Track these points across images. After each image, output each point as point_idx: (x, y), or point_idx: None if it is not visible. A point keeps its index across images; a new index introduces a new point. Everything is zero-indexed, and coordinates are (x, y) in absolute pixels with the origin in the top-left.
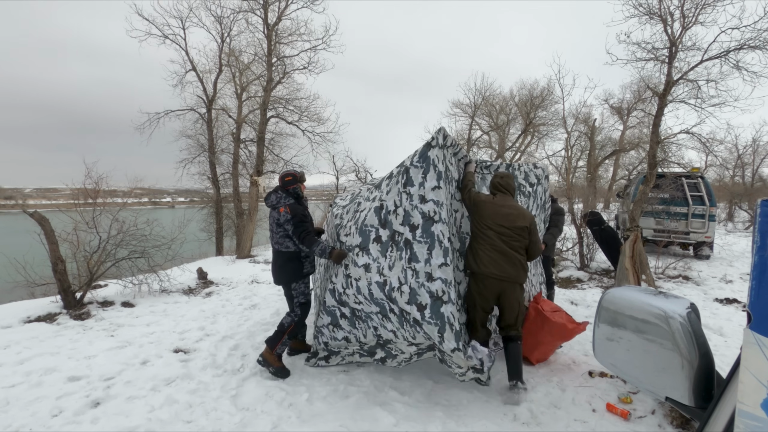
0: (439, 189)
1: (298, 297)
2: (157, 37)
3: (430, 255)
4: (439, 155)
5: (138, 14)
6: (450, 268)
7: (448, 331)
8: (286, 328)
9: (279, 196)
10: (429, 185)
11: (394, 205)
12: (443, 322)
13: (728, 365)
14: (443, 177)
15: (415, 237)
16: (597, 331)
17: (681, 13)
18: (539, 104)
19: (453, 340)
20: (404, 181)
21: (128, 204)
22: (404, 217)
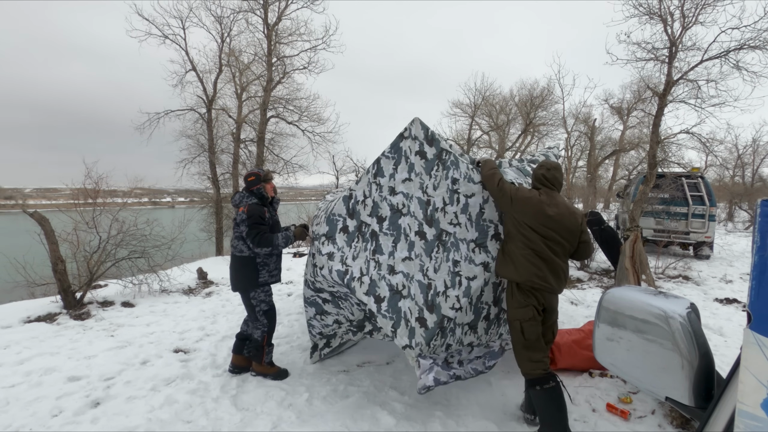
0: (409, 181)
1: (259, 305)
2: (157, 37)
3: (395, 248)
4: (413, 146)
5: (138, 14)
6: (415, 263)
7: (403, 326)
8: (261, 342)
9: (242, 196)
10: (399, 177)
11: (363, 195)
12: (399, 317)
13: (728, 365)
14: (416, 169)
15: (381, 229)
16: (597, 331)
17: (681, 13)
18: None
19: (406, 337)
20: (375, 171)
21: (128, 204)
22: (372, 208)
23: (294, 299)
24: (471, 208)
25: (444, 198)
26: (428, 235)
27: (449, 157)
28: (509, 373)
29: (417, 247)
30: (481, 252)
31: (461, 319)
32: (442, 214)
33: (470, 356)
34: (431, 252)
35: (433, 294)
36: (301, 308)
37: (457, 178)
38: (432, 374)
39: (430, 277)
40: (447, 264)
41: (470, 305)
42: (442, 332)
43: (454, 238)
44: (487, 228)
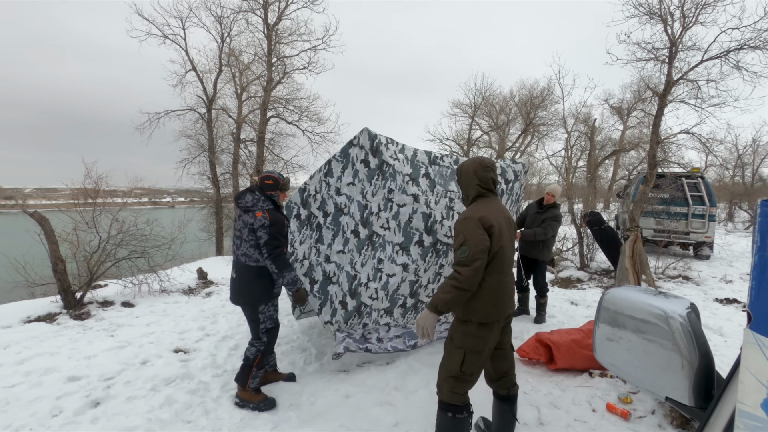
0: (352, 185)
1: (266, 322)
2: (157, 37)
3: (333, 241)
4: (359, 154)
5: (138, 14)
6: (346, 257)
7: (328, 306)
8: (252, 362)
9: (256, 198)
10: (345, 180)
11: (315, 190)
12: (326, 298)
13: (728, 365)
14: (359, 176)
15: (325, 222)
16: (597, 331)
17: (681, 13)
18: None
19: (329, 315)
20: (326, 171)
21: (128, 204)
22: (321, 202)
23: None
24: (401, 216)
25: (380, 204)
26: (361, 235)
27: (389, 169)
28: None
29: (350, 243)
30: (403, 254)
31: (377, 306)
32: (376, 218)
33: (389, 335)
34: (362, 249)
35: (357, 284)
36: None
37: (393, 188)
38: (342, 344)
39: (356, 270)
40: (372, 261)
41: (386, 296)
42: (359, 314)
43: (382, 240)
44: (412, 235)
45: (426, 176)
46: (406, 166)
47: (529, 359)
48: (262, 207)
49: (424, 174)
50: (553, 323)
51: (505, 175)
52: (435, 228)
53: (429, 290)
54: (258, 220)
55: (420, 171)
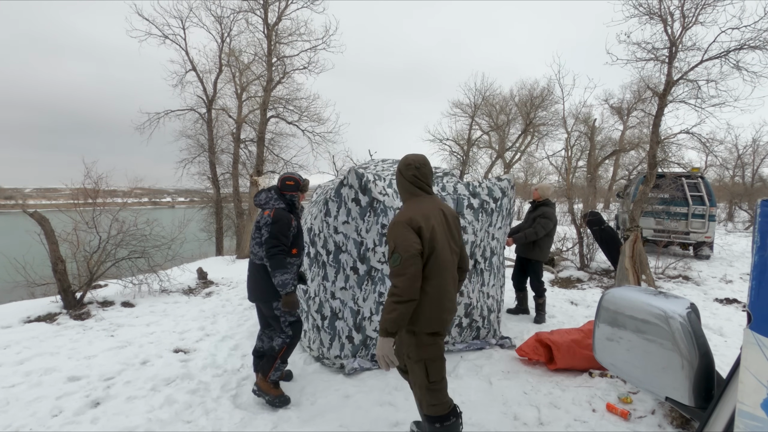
0: (347, 224)
1: (285, 316)
2: (157, 37)
3: (336, 278)
4: (349, 194)
5: (138, 14)
6: (348, 293)
7: (336, 341)
8: (277, 352)
9: (270, 197)
10: (340, 219)
11: (319, 229)
12: (335, 334)
13: (728, 365)
14: (352, 214)
15: (328, 260)
16: (597, 331)
17: (681, 13)
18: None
19: (338, 349)
20: (325, 211)
21: (128, 204)
22: (324, 241)
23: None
24: None
25: (374, 240)
26: (360, 271)
27: (380, 205)
28: (509, 373)
29: (351, 280)
30: None
31: None
32: (372, 253)
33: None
34: (362, 284)
35: (360, 318)
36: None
37: (386, 223)
38: (356, 362)
39: (359, 305)
40: (374, 295)
41: None
42: (365, 347)
43: (381, 273)
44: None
45: None
46: (397, 200)
47: (529, 359)
48: (273, 206)
49: None
50: (553, 323)
51: (492, 193)
52: None
53: None
54: (264, 218)
55: None
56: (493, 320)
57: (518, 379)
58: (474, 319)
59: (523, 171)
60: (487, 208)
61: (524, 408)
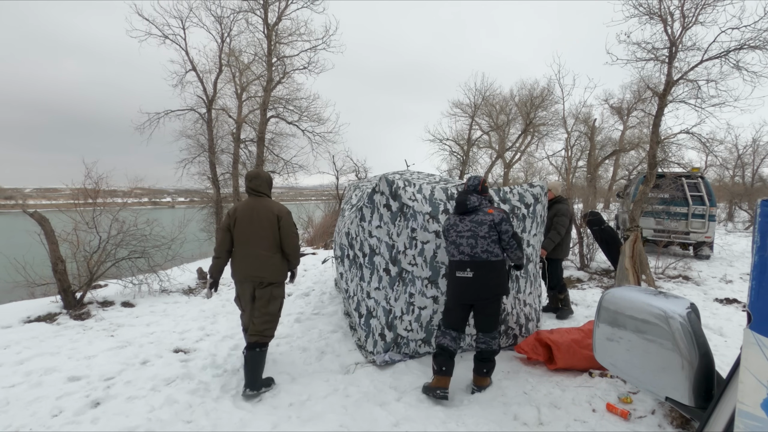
0: (380, 228)
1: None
2: (157, 37)
3: (371, 279)
4: (381, 200)
5: (138, 14)
6: (382, 293)
7: (371, 338)
8: (497, 349)
9: (480, 199)
10: (374, 224)
11: (355, 233)
12: (369, 331)
13: (728, 365)
14: (384, 219)
15: (364, 262)
16: (597, 331)
17: (681, 13)
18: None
19: (372, 346)
20: (360, 216)
21: (128, 204)
22: (360, 244)
23: (294, 299)
24: (426, 252)
25: (405, 243)
26: (392, 272)
27: (409, 210)
28: (509, 373)
29: (384, 281)
30: (432, 287)
31: (413, 336)
32: (403, 256)
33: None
34: (393, 285)
35: (392, 317)
36: (300, 309)
37: (415, 227)
38: (387, 355)
39: (391, 305)
40: (404, 295)
41: (420, 327)
42: (397, 345)
43: (411, 275)
44: (439, 268)
45: (445, 212)
46: (426, 205)
47: (528, 359)
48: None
49: (443, 210)
50: (553, 323)
51: (524, 199)
52: None
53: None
54: (494, 215)
55: (439, 208)
56: (532, 329)
57: (518, 379)
58: (510, 326)
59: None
60: (518, 214)
61: (524, 408)
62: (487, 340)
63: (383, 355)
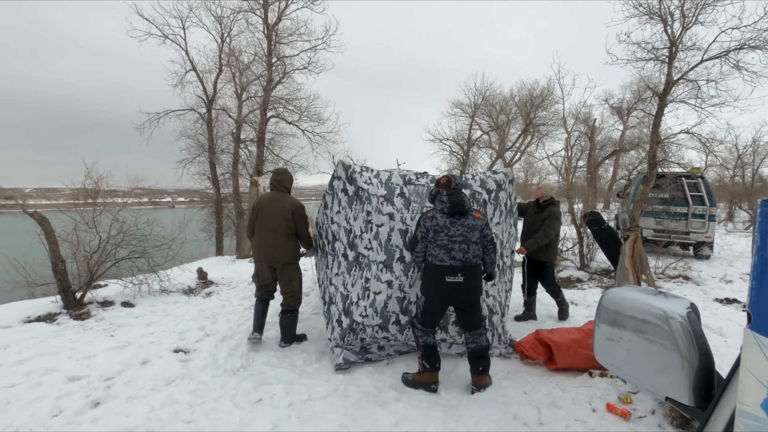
0: (339, 213)
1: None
2: (157, 37)
3: (332, 265)
4: (339, 185)
5: (138, 14)
6: (340, 278)
7: (330, 325)
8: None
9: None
10: (335, 210)
11: (321, 222)
12: (329, 318)
13: (728, 365)
14: (342, 203)
15: (328, 250)
16: (597, 331)
17: (681, 13)
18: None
19: (329, 332)
20: (323, 204)
21: (128, 204)
22: (325, 232)
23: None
24: (381, 235)
25: (361, 227)
26: (349, 257)
27: (364, 193)
28: (509, 373)
29: (342, 266)
30: (387, 272)
31: (369, 322)
32: (359, 240)
33: (389, 344)
34: (351, 270)
35: (349, 303)
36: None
37: (370, 210)
38: (342, 356)
39: (348, 290)
40: (360, 280)
41: (376, 313)
42: (353, 331)
43: (368, 260)
44: (393, 252)
45: (401, 195)
46: (381, 188)
47: (528, 358)
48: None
49: (399, 194)
50: (553, 323)
51: (486, 185)
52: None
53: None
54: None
55: (394, 191)
56: (496, 322)
57: (518, 379)
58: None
59: (523, 171)
60: (479, 199)
61: (524, 408)
62: (475, 338)
63: (339, 353)
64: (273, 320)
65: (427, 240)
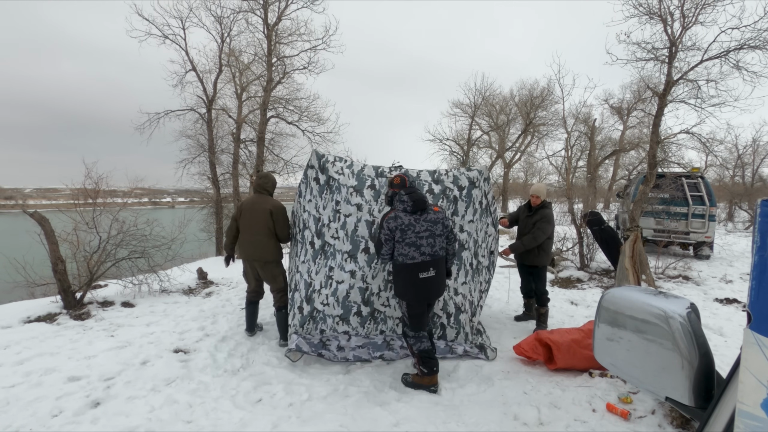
0: (311, 202)
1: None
2: (157, 37)
3: (300, 252)
4: (312, 174)
5: (138, 14)
6: (305, 266)
7: (292, 311)
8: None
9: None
10: (307, 198)
11: (296, 210)
12: (293, 305)
13: (728, 365)
14: (313, 192)
15: (298, 238)
16: (597, 331)
17: (681, 13)
18: (539, 104)
19: (291, 319)
20: (298, 194)
21: (128, 204)
22: (298, 220)
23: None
24: (348, 225)
25: (329, 216)
26: (316, 245)
27: (335, 183)
28: (509, 373)
29: (308, 254)
30: (351, 262)
31: (330, 312)
32: (327, 229)
33: (350, 344)
34: (316, 258)
35: (311, 291)
36: None
37: (339, 200)
38: (295, 342)
39: (312, 278)
40: (325, 269)
41: (337, 303)
42: (313, 319)
43: (333, 249)
44: (359, 242)
45: (371, 187)
46: (351, 179)
47: (528, 359)
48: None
49: (370, 185)
50: (553, 323)
51: (458, 181)
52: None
53: (383, 299)
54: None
55: (365, 183)
56: (463, 321)
57: (518, 379)
58: (435, 312)
59: (523, 171)
60: (449, 195)
61: (524, 408)
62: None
63: (295, 339)
64: (273, 320)
65: (393, 241)
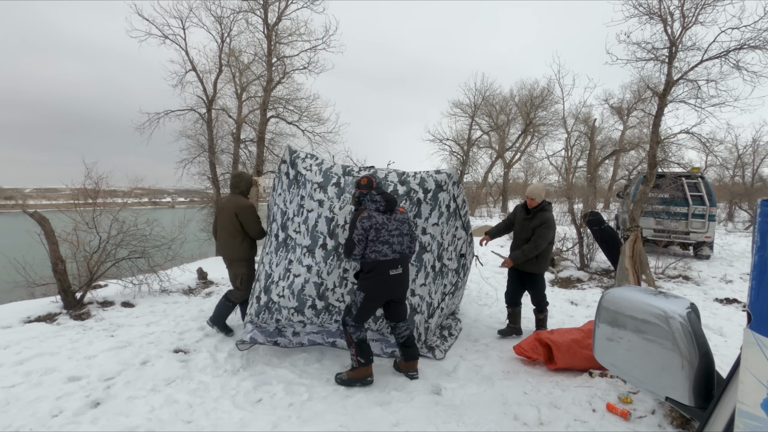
0: (280, 195)
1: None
2: (157, 37)
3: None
4: (284, 168)
5: (138, 14)
6: (268, 257)
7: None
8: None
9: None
10: (278, 192)
11: (271, 205)
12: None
13: (728, 365)
14: (283, 186)
15: (270, 231)
16: (597, 331)
17: (681, 13)
18: (539, 104)
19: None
20: (273, 186)
21: (128, 204)
22: (270, 212)
23: None
24: (309, 220)
25: (294, 210)
26: (280, 238)
27: (302, 178)
28: (509, 373)
29: (272, 246)
30: (309, 257)
31: (285, 303)
32: (291, 222)
33: (305, 330)
34: (278, 250)
35: (270, 282)
36: None
37: (304, 195)
38: (250, 334)
39: (272, 269)
40: (284, 261)
41: (293, 295)
42: (268, 310)
43: (294, 242)
44: (317, 238)
45: (336, 185)
46: (318, 176)
47: (528, 359)
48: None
49: (335, 183)
50: (553, 323)
51: (424, 184)
52: (336, 232)
53: (338, 294)
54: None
55: (330, 180)
56: (418, 321)
57: (518, 379)
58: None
59: (523, 171)
60: (413, 198)
61: (524, 408)
62: (408, 325)
63: (250, 329)
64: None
65: (366, 241)
